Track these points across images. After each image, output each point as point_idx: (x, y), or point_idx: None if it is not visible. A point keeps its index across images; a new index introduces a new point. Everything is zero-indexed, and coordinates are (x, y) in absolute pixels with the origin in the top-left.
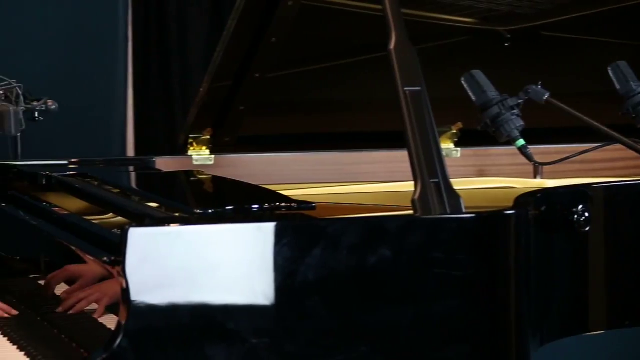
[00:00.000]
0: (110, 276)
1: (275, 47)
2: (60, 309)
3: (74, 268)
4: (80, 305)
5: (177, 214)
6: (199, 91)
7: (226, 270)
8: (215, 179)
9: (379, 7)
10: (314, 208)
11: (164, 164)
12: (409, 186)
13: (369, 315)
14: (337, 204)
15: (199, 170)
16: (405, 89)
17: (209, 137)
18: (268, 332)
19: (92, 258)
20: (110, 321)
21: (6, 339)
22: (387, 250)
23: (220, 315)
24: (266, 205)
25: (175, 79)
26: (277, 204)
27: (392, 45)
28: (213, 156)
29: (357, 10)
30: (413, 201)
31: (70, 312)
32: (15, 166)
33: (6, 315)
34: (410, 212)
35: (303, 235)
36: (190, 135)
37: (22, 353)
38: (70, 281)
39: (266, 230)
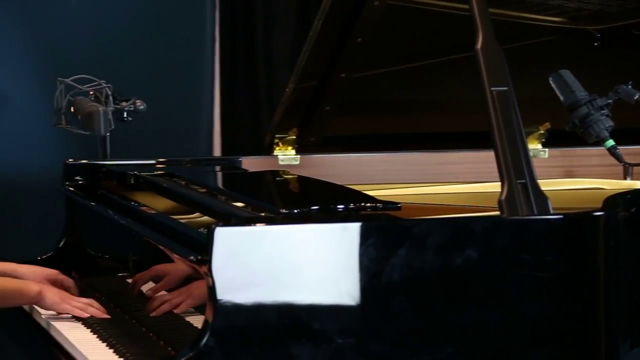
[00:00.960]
0: (196, 276)
1: (361, 47)
2: (147, 312)
3: (159, 268)
4: (164, 308)
5: (262, 214)
6: (285, 91)
7: (311, 269)
8: (301, 179)
9: (466, 6)
10: (399, 208)
11: (250, 164)
12: (495, 187)
13: (454, 316)
14: (422, 204)
15: (284, 170)
16: (492, 89)
17: (294, 137)
18: (354, 332)
19: (179, 257)
20: (196, 320)
21: (95, 336)
22: (473, 251)
23: (305, 314)
24: (351, 205)
25: (261, 79)
26: (362, 204)
27: (479, 45)
28: (299, 156)
29: (443, 10)
30: (500, 202)
31: (154, 314)
32: (104, 166)
33: (103, 316)
34: (497, 212)
35: (388, 235)
36: (277, 135)
37: (111, 350)
38: (156, 279)
39: (351, 230)
